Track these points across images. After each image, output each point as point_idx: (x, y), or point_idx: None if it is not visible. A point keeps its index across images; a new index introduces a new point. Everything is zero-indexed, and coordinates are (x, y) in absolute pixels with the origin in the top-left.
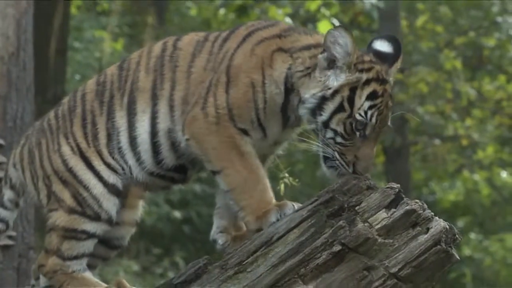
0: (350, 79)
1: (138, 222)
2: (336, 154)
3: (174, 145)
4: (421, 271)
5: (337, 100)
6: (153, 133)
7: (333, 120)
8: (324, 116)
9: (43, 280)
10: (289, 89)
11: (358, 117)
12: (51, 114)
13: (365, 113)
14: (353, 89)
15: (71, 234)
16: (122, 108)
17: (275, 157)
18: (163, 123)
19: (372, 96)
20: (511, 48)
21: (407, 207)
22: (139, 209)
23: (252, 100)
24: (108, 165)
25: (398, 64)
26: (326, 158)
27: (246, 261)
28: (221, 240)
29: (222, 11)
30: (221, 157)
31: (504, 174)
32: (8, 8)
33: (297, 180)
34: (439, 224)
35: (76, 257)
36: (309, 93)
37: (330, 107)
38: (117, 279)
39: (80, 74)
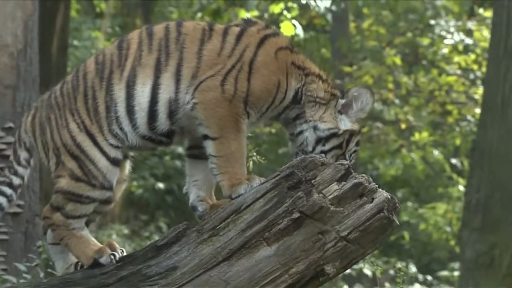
0: (353, 128)
1: (126, 179)
2: None
3: (171, 113)
4: (367, 235)
5: (340, 139)
6: (153, 102)
7: (331, 153)
8: (327, 147)
9: (49, 237)
10: (295, 100)
11: (346, 156)
12: (57, 91)
13: (350, 155)
14: (351, 134)
15: (76, 198)
16: (121, 81)
17: None
18: (165, 94)
19: (357, 143)
20: (442, 46)
21: (355, 181)
22: (127, 168)
23: (273, 96)
24: (109, 142)
25: None
26: None
27: (219, 226)
28: (200, 207)
29: (199, 14)
30: (223, 127)
31: (436, 153)
32: (17, 11)
33: (263, 158)
34: (382, 194)
35: (78, 217)
36: (326, 126)
37: (334, 142)
38: (108, 241)
39: None
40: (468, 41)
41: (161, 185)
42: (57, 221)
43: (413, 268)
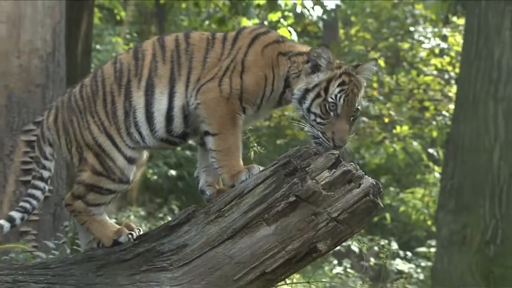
0: (329, 75)
1: (143, 164)
2: (319, 133)
3: (186, 117)
4: (355, 216)
5: (316, 90)
6: (170, 108)
7: (313, 105)
8: (307, 103)
9: None
10: (287, 84)
11: (330, 99)
12: (77, 94)
13: (336, 96)
14: (329, 81)
15: (97, 189)
16: (140, 90)
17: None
18: (179, 101)
19: (341, 84)
20: (420, 50)
21: (344, 168)
22: (145, 155)
23: (262, 89)
24: (126, 143)
25: (367, 65)
26: (314, 138)
27: (224, 209)
28: (208, 191)
29: (206, 22)
30: (222, 124)
31: (415, 144)
32: (46, 19)
33: (263, 148)
34: (368, 180)
35: (98, 205)
36: (297, 87)
37: (311, 95)
38: (126, 222)
39: None
40: (444, 45)
41: (173, 172)
42: (78, 208)
43: (394, 245)
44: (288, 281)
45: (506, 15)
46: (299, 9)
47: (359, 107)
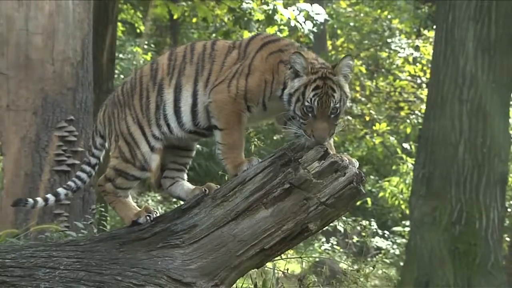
0: (305, 81)
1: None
2: (302, 131)
3: (208, 113)
4: (340, 200)
5: (296, 95)
6: (194, 104)
7: (296, 108)
8: (292, 106)
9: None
10: (285, 87)
11: (306, 103)
12: (119, 90)
13: (310, 100)
14: (306, 86)
15: (124, 175)
16: (170, 87)
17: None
18: (201, 98)
19: (315, 88)
20: (396, 58)
21: (331, 159)
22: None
23: (262, 90)
24: (153, 133)
25: (342, 64)
26: (300, 134)
27: (228, 194)
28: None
29: (213, 35)
30: (228, 120)
31: (392, 139)
32: (76, 32)
33: (262, 143)
34: (352, 170)
35: (124, 189)
36: (285, 92)
37: (293, 100)
38: (145, 205)
39: (123, 75)
40: (416, 54)
41: None
42: (108, 189)
43: (374, 225)
44: (283, 256)
45: (469, 29)
46: (293, 23)
47: (337, 105)
